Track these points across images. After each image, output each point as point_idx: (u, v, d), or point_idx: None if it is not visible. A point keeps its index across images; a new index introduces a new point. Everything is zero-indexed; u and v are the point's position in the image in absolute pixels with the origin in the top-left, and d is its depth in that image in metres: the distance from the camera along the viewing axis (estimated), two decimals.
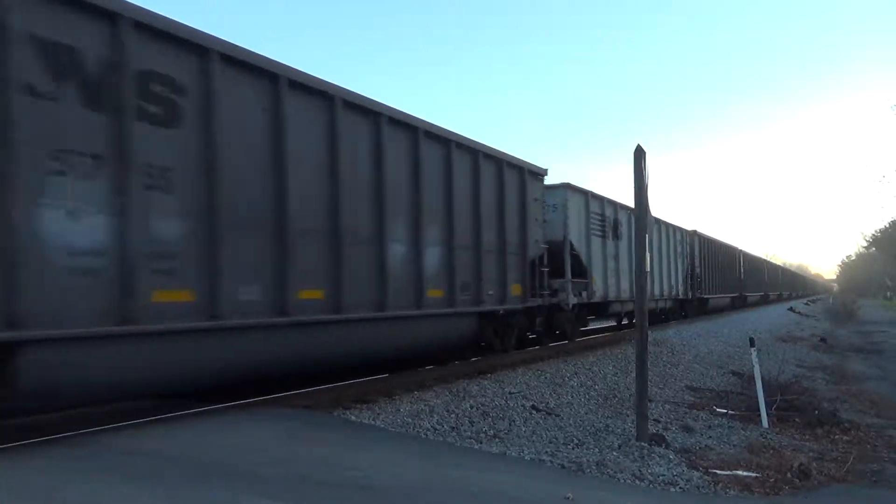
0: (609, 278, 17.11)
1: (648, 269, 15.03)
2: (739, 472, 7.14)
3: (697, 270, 28.41)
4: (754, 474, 7.15)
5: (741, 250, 42.76)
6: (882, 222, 63.26)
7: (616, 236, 17.82)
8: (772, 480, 7.08)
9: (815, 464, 7.77)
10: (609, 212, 17.42)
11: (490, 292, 11.49)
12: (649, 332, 9.20)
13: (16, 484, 4.59)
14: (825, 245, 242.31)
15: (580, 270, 15.26)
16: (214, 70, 6.80)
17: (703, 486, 6.57)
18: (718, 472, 7.09)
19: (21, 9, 5.37)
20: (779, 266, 78.30)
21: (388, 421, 7.74)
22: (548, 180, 14.03)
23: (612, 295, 17.25)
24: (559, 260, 14.31)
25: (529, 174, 13.00)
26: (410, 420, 7.87)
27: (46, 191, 5.46)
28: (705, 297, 29.90)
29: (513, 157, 12.47)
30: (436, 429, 7.71)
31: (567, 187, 15.07)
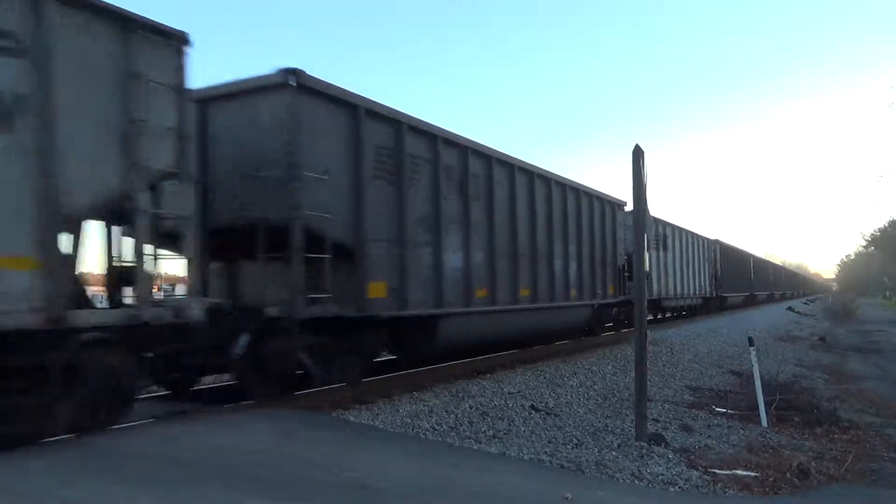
0: (661, 281, 22.95)
1: (648, 269, 17.41)
2: (738, 472, 7.14)
3: (719, 273, 33.61)
4: (753, 474, 7.15)
5: (751, 254, 48.66)
6: (881, 222, 63.31)
7: (664, 248, 23.31)
8: (771, 480, 7.07)
9: (814, 463, 7.76)
10: (659, 228, 22.88)
11: (599, 291, 16.59)
12: (648, 332, 9.19)
13: (14, 485, 4.58)
14: (824, 245, 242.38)
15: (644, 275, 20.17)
16: (493, 165, 11.89)
17: (702, 486, 6.56)
18: (717, 471, 7.08)
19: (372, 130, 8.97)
20: (781, 267, 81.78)
21: (387, 421, 7.73)
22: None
23: (663, 294, 23.34)
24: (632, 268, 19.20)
25: (616, 206, 17.89)
26: (409, 420, 7.87)
27: (448, 242, 10.48)
28: (725, 295, 35.10)
29: (607, 195, 17.31)
30: (435, 429, 7.71)
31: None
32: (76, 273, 6.20)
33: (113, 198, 6.12)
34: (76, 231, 6.11)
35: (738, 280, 39.47)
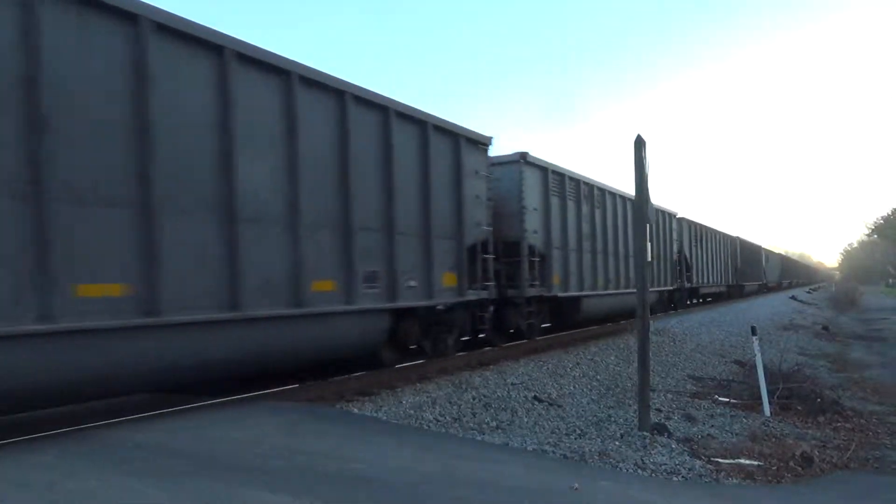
0: (699, 272, 29.19)
1: (650, 258, 19.54)
2: (742, 461, 7.15)
3: (739, 265, 39.92)
4: (757, 463, 7.16)
5: (763, 247, 55.72)
6: (884, 210, 63.18)
7: (701, 245, 29.52)
8: (774, 468, 7.09)
9: (817, 451, 7.78)
10: (697, 230, 28.64)
11: (663, 280, 22.04)
12: (651, 323, 9.19)
13: (18, 477, 4.60)
14: (827, 233, 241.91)
15: (688, 268, 26.86)
16: (595, 190, 16.68)
17: (705, 475, 6.58)
18: (721, 460, 7.10)
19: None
20: (787, 257, 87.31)
21: (391, 413, 7.75)
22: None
23: (701, 283, 29.88)
24: (682, 262, 25.97)
25: (670, 215, 23.58)
26: (413, 412, 7.88)
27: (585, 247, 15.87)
28: (743, 284, 41.77)
29: (665, 208, 22.46)
30: (438, 420, 7.72)
31: (682, 220, 26.16)
32: (466, 276, 11.09)
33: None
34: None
35: (754, 270, 47.27)
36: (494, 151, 12.45)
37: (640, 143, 8.07)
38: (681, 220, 25.85)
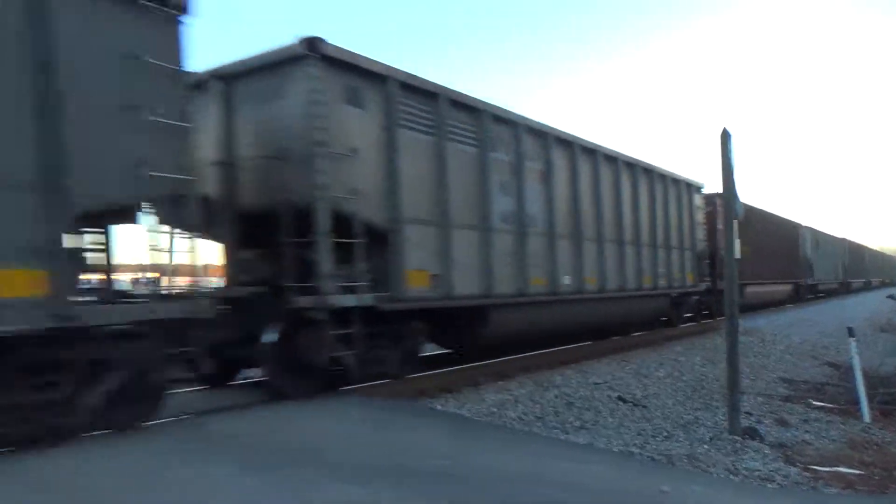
0: (817, 270, 34.72)
1: (738, 256, 17.91)
2: (841, 469, 6.83)
3: (846, 264, 46.81)
4: (858, 471, 6.82)
5: (867, 247, 64.08)
6: None
7: (817, 247, 34.25)
8: (877, 478, 6.73)
9: None
10: (815, 235, 35.07)
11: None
12: (739, 322, 8.89)
13: (117, 468, 4.87)
14: None
15: (810, 268, 33.48)
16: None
17: (802, 483, 6.31)
18: (818, 468, 6.79)
19: None
20: (884, 253, 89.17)
21: (474, 410, 7.79)
22: None
23: (819, 280, 35.81)
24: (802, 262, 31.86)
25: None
26: (496, 410, 7.90)
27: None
28: (850, 281, 48.32)
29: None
30: (521, 419, 7.71)
31: (808, 228, 33.03)
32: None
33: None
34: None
35: (859, 268, 54.56)
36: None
37: (726, 137, 7.81)
38: (806, 228, 32.86)
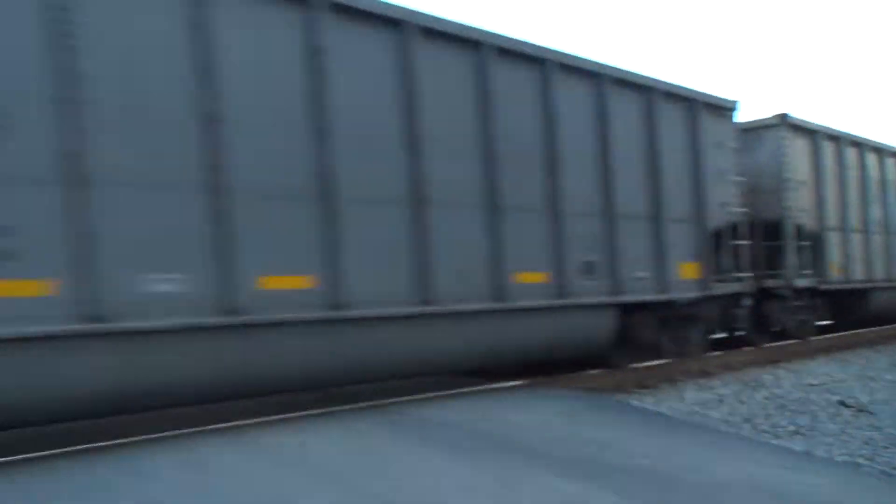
0: None
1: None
2: None
3: None
4: None
5: None
6: None
7: None
8: None
9: None
10: None
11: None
12: None
13: (340, 440, 5.23)
14: None
15: None
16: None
17: None
18: None
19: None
20: None
21: (673, 408, 7.44)
22: None
23: None
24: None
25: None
26: (697, 409, 7.48)
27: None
28: None
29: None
30: (727, 420, 7.22)
31: None
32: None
33: None
34: None
35: None
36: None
37: None
38: None
